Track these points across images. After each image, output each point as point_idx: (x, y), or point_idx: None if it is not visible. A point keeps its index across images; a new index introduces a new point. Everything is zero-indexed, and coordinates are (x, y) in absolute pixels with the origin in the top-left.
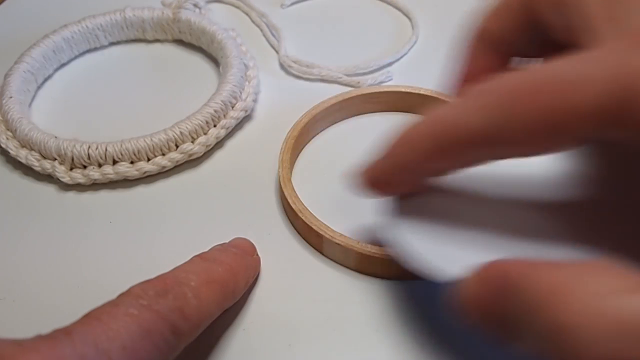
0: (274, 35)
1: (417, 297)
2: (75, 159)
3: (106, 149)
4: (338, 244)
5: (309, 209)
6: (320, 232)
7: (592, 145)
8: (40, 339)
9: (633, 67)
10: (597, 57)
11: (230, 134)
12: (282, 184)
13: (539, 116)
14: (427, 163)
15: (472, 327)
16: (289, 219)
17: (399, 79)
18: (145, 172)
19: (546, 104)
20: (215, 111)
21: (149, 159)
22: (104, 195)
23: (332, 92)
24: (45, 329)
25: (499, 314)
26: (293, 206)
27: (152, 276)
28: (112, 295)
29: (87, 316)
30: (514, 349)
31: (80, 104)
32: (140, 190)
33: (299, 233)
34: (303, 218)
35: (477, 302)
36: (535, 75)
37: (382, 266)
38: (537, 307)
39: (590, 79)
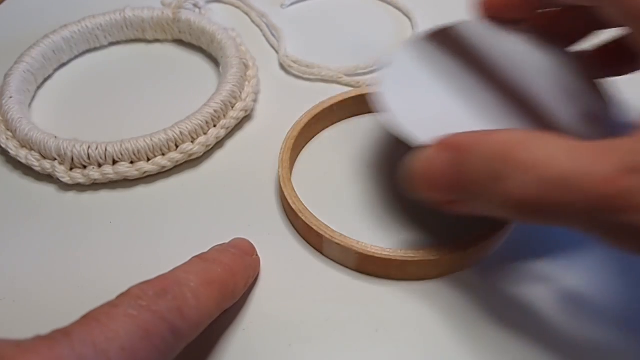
0: (274, 35)
1: (417, 296)
2: (75, 159)
3: (106, 149)
4: (338, 244)
5: (309, 209)
6: (320, 232)
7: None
8: (39, 339)
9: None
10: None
11: (230, 134)
12: (282, 184)
13: None
14: None
15: (426, 196)
16: (289, 219)
17: None
18: (145, 172)
19: None
20: (215, 111)
21: (148, 159)
22: (104, 195)
23: (332, 92)
24: (45, 329)
25: (455, 177)
26: (293, 206)
27: (152, 276)
28: (112, 295)
29: (86, 317)
30: (458, 212)
31: (80, 104)
32: (140, 190)
33: (298, 233)
34: (303, 218)
35: (435, 169)
36: None
37: (381, 266)
38: (492, 163)
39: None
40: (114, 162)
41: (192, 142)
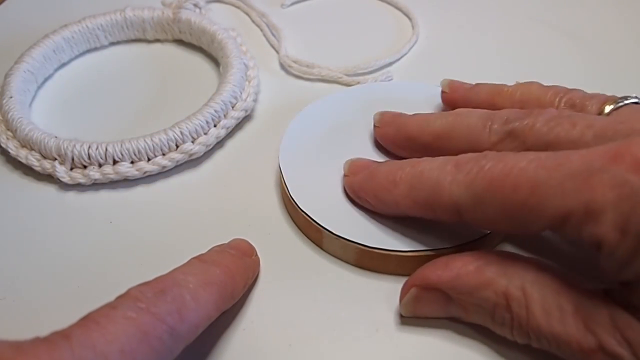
0: (274, 35)
1: None
2: (75, 159)
3: (106, 149)
4: (338, 239)
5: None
6: (320, 227)
7: None
8: (38, 342)
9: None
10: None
11: (230, 134)
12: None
13: (508, 212)
14: (408, 211)
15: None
16: (290, 216)
17: (399, 79)
18: (145, 172)
19: (518, 205)
20: (216, 111)
21: (149, 159)
22: (104, 195)
23: (332, 92)
24: (45, 329)
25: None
26: (293, 202)
27: (152, 276)
28: (112, 296)
29: (85, 319)
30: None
31: (80, 104)
32: (140, 190)
33: (299, 229)
34: (303, 214)
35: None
36: (516, 172)
37: (380, 261)
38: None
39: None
40: (114, 162)
41: (192, 142)
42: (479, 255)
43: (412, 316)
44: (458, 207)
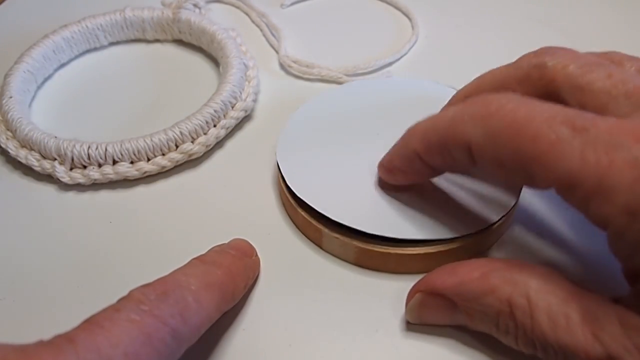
0: (274, 35)
1: None
2: (75, 159)
3: (106, 149)
4: (337, 238)
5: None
6: (319, 226)
7: None
8: (42, 345)
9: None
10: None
11: (230, 134)
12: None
13: (520, 159)
14: (425, 156)
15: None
16: (289, 216)
17: None
18: (145, 172)
19: (533, 155)
20: (215, 111)
21: (148, 159)
22: (104, 195)
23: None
24: (45, 330)
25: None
26: (292, 201)
27: (152, 276)
28: (112, 295)
29: (89, 322)
30: None
31: (80, 104)
32: (140, 190)
33: (299, 229)
34: (302, 213)
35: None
36: (539, 121)
37: (381, 260)
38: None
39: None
40: (114, 162)
41: (192, 142)
42: (486, 262)
43: (417, 322)
44: (470, 143)
